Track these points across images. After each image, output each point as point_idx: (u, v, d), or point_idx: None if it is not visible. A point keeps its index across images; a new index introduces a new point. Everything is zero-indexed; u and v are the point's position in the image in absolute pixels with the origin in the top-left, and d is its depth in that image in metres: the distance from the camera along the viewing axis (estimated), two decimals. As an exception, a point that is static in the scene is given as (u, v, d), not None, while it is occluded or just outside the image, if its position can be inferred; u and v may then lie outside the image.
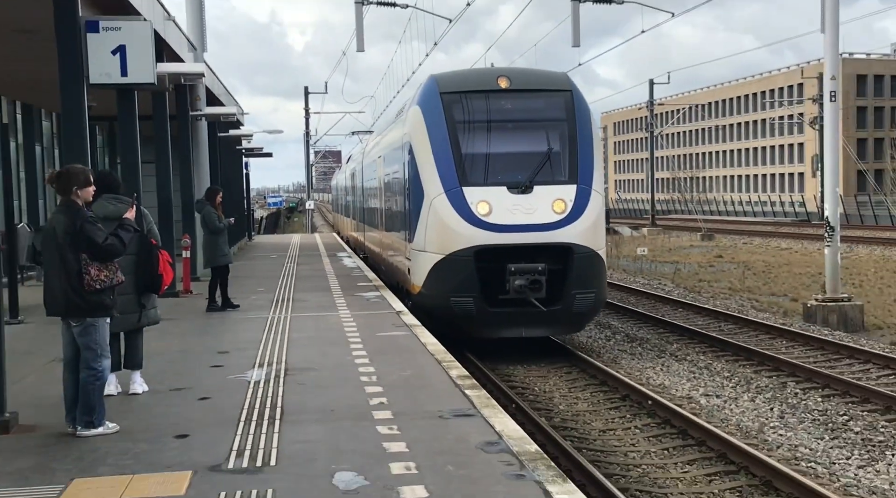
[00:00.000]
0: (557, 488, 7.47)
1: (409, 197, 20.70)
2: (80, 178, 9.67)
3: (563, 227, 18.41)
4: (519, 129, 20.25)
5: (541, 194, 18.71)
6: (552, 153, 19.40)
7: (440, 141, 19.31)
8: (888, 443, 13.12)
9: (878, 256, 44.82)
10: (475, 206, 18.38)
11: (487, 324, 18.64)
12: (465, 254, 18.22)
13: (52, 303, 9.56)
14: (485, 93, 20.04)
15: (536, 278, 17.84)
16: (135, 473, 8.23)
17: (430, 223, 19.05)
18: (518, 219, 18.37)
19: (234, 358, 13.65)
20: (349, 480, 7.81)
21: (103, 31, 16.69)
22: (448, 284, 18.46)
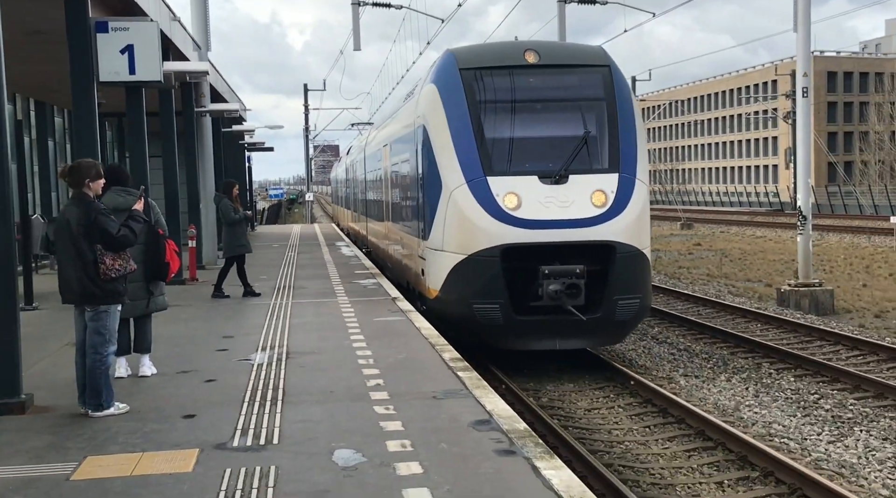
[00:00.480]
0: (545, 464, 7.49)
1: (423, 188, 17.23)
2: (91, 172, 9.69)
3: (603, 223, 15.07)
4: (550, 110, 16.64)
5: (577, 185, 15.29)
6: (590, 137, 15.75)
7: (460, 124, 15.86)
8: (856, 420, 13.18)
9: (848, 243, 44.88)
10: (502, 198, 15.05)
11: (516, 334, 15.22)
12: (490, 254, 14.92)
13: (67, 291, 9.57)
14: (511, 68, 16.54)
15: (574, 283, 14.57)
16: (144, 451, 8.24)
17: (450, 218, 15.65)
18: (552, 213, 15.02)
19: (238, 342, 13.66)
20: (348, 458, 7.82)
21: (112, 31, 16.67)
22: (470, 288, 15.13)
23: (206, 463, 7.81)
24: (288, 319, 15.86)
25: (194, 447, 8.27)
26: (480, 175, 15.33)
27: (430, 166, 16.48)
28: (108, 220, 9.44)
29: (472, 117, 15.74)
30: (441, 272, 15.94)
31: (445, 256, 15.82)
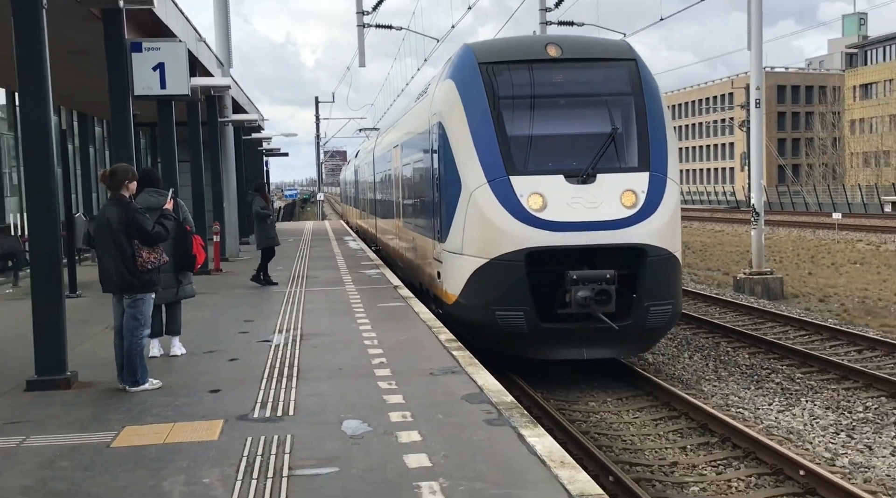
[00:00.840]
0: (529, 432, 7.49)
1: (440, 188, 14.63)
2: (127, 176, 9.70)
3: (634, 225, 12.57)
4: (575, 106, 14.00)
5: (606, 184, 12.80)
6: (618, 134, 13.26)
7: (480, 120, 13.34)
8: (802, 392, 13.21)
9: (795, 236, 44.95)
10: (526, 199, 12.60)
11: (541, 343, 12.76)
12: (513, 258, 12.45)
13: (107, 282, 9.58)
14: (532, 62, 13.96)
15: (605, 289, 12.15)
16: (175, 421, 8.24)
17: (470, 220, 13.13)
18: (579, 215, 12.54)
19: (258, 326, 13.65)
20: (355, 427, 7.82)
21: (145, 50, 16.67)
22: (492, 294, 12.67)
23: (229, 432, 7.81)
24: (302, 305, 15.85)
25: (219, 418, 8.28)
26: (503, 174, 12.89)
27: (448, 165, 13.97)
28: (144, 218, 9.48)
29: (492, 113, 13.30)
30: (460, 277, 13.43)
31: (465, 259, 13.30)
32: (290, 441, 7.44)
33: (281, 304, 16.04)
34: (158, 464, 6.99)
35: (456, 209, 13.56)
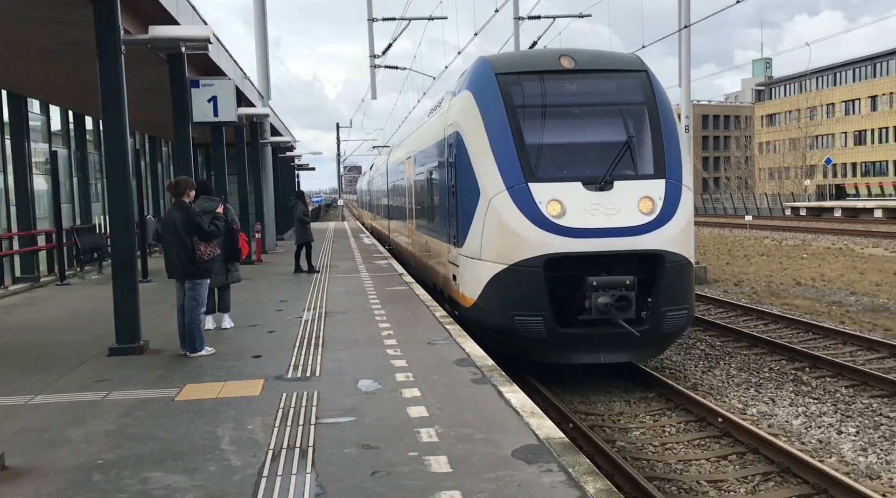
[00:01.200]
0: (506, 389, 7.51)
1: (457, 195, 12.32)
2: (187, 186, 9.72)
3: (651, 231, 10.59)
4: (591, 115, 11.83)
5: (623, 191, 10.82)
6: (633, 142, 11.20)
7: (499, 129, 11.28)
8: (721, 356, 13.19)
9: (716, 234, 44.98)
10: (545, 205, 10.62)
11: (559, 347, 10.74)
12: (533, 264, 10.46)
13: (172, 270, 9.60)
14: (548, 73, 11.84)
15: (625, 295, 10.23)
16: (226, 380, 8.24)
17: (489, 226, 11.01)
18: (598, 221, 10.55)
19: (291, 305, 13.63)
20: (368, 385, 7.83)
21: (202, 86, 16.71)
22: (511, 299, 10.63)
23: (269, 389, 7.82)
24: (326, 288, 15.83)
25: (260, 378, 8.28)
26: (521, 181, 10.80)
27: (465, 173, 11.76)
28: (202, 220, 9.50)
29: (510, 122, 11.22)
30: (478, 282, 11.21)
31: (483, 265, 11.09)
32: (317, 396, 7.45)
33: (309, 287, 16.02)
34: (212, 414, 6.99)
35: (474, 215, 11.35)
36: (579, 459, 5.56)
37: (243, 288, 14.63)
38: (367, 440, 6.10)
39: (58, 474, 5.61)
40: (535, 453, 5.70)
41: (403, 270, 18.85)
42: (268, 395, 7.58)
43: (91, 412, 7.19)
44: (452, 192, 12.55)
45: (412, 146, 19.42)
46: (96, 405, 7.44)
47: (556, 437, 6.06)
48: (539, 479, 5.21)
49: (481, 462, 5.54)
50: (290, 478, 5.35)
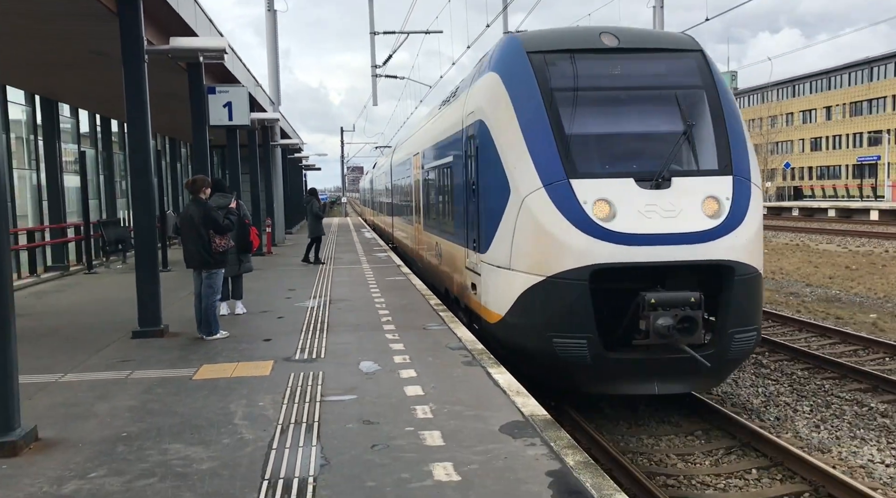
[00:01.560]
0: (494, 370, 7.52)
1: (479, 193, 9.70)
2: (204, 183, 9.69)
3: (719, 238, 8.07)
4: (641, 101, 9.12)
5: (683, 190, 8.30)
6: (693, 132, 8.66)
7: (533, 115, 8.67)
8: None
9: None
10: (591, 206, 8.11)
11: (605, 375, 8.17)
12: (576, 276, 7.94)
13: (190, 260, 9.57)
14: (588, 53, 9.18)
15: (689, 315, 7.75)
16: (239, 361, 8.23)
17: (521, 230, 8.44)
18: (655, 225, 8.03)
19: (298, 293, 13.61)
20: (369, 366, 7.83)
21: (218, 93, 16.62)
22: (549, 317, 8.11)
23: (278, 369, 7.81)
24: (330, 278, 15.80)
25: (271, 359, 8.27)
26: (562, 177, 8.19)
27: (491, 167, 9.09)
28: (218, 214, 9.48)
29: (547, 108, 8.56)
30: (507, 295, 8.58)
31: (514, 276, 8.45)
32: (322, 376, 7.45)
33: (315, 277, 16.00)
34: (226, 392, 6.98)
35: (502, 217, 8.75)
36: (560, 435, 5.57)
37: (255, 277, 14.59)
38: (368, 416, 6.10)
39: (86, 445, 5.60)
40: (520, 429, 5.71)
41: (401, 262, 18.84)
42: (277, 375, 7.58)
43: (115, 389, 7.18)
44: (472, 189, 10.04)
45: (420, 141, 16.63)
46: (120, 383, 7.42)
47: (539, 414, 6.07)
48: (524, 451, 5.23)
49: (471, 436, 5.55)
50: (298, 450, 5.35)
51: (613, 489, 4.56)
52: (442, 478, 4.76)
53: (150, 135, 10.01)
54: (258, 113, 23.21)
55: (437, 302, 12.09)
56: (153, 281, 9.83)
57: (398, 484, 4.69)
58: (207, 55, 12.44)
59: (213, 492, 4.66)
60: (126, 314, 10.88)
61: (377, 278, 15.49)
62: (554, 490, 4.55)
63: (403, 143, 23.50)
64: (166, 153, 29.90)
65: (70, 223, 19.80)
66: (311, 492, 4.61)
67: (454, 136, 11.54)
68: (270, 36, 26.82)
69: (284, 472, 4.95)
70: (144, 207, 10.00)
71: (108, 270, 18.76)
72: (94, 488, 4.78)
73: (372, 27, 32.75)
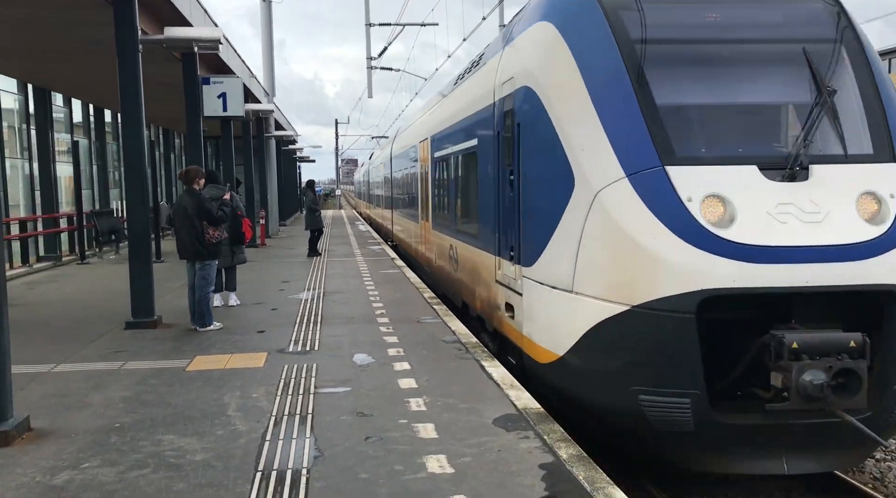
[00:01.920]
0: (488, 364, 7.53)
1: (519, 184, 7.14)
2: (198, 174, 9.68)
3: (884, 253, 5.34)
4: (760, 59, 6.26)
5: (829, 183, 5.57)
6: (836, 102, 5.90)
7: (609, 77, 6.00)
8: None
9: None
10: (697, 204, 5.41)
11: (714, 448, 5.48)
12: (678, 307, 5.21)
13: (183, 251, 9.56)
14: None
15: (850, 368, 5.06)
16: (233, 353, 8.22)
17: (592, 237, 5.77)
18: (794, 234, 5.31)
19: (292, 285, 13.60)
20: (362, 359, 7.83)
21: (212, 83, 16.62)
22: (634, 363, 5.49)
23: (272, 361, 7.81)
24: (324, 270, 15.79)
25: (264, 351, 8.26)
26: (654, 162, 5.67)
27: (542, 150, 6.64)
28: (211, 205, 9.45)
29: (628, 67, 6.00)
30: (568, 327, 6.12)
31: (580, 302, 6.00)
32: (316, 368, 7.45)
33: (309, 269, 15.99)
34: (220, 383, 6.98)
35: (560, 219, 6.24)
36: (553, 428, 5.59)
37: (248, 269, 14.56)
38: (362, 408, 6.11)
39: (78, 436, 5.60)
40: (513, 422, 5.73)
41: (395, 255, 18.83)
42: (271, 366, 7.57)
43: (109, 380, 7.17)
44: (509, 180, 7.50)
45: (430, 124, 13.90)
46: (114, 374, 7.41)
47: (533, 407, 6.09)
48: (517, 444, 5.24)
49: (465, 429, 5.56)
50: (291, 442, 5.36)
51: (606, 482, 4.59)
52: (435, 470, 4.78)
53: (144, 125, 9.97)
54: (253, 104, 23.16)
55: (431, 295, 12.10)
56: (146, 272, 9.81)
57: (391, 476, 4.70)
58: (202, 45, 12.39)
59: (206, 483, 4.66)
60: (119, 305, 10.85)
61: (371, 271, 15.49)
62: (547, 483, 4.57)
63: (407, 129, 20.11)
64: (160, 144, 29.80)
65: (63, 213, 19.73)
66: (304, 484, 4.62)
67: (480, 114, 9.00)
68: (265, 27, 26.71)
69: (278, 463, 4.96)
70: (138, 198, 9.97)
71: (101, 261, 18.70)
72: (87, 479, 4.78)
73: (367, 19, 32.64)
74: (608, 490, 4.47)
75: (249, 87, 21.59)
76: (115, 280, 14.10)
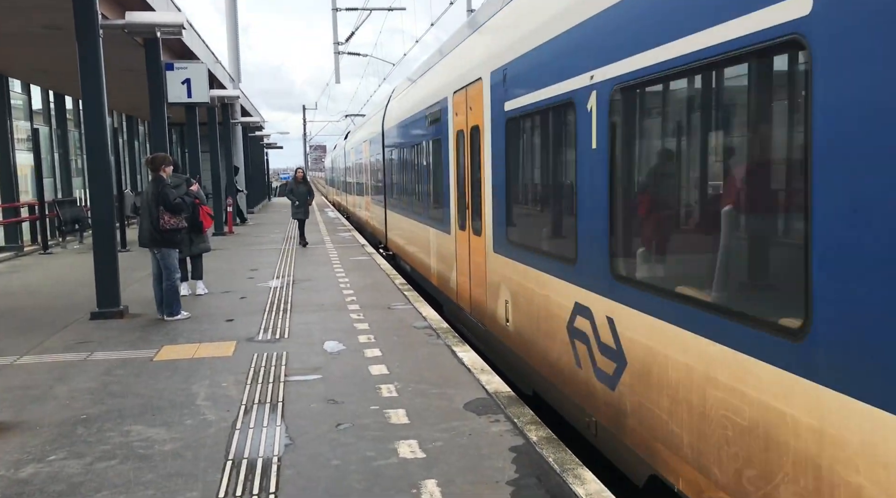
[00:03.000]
0: (459, 349, 7.56)
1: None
2: (165, 161, 9.59)
3: None
4: None
5: None
6: None
7: None
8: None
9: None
10: None
11: None
12: None
13: (141, 238, 9.53)
14: None
15: None
16: (201, 342, 8.17)
17: None
18: None
19: (260, 273, 13.51)
20: (333, 346, 7.81)
21: (176, 69, 16.36)
22: None
23: (241, 350, 7.76)
24: (293, 257, 15.71)
25: (233, 340, 8.21)
26: None
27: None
28: (171, 191, 9.39)
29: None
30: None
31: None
32: (286, 356, 7.42)
33: (277, 257, 15.89)
34: (188, 373, 6.93)
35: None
36: (524, 411, 5.64)
37: (216, 257, 14.46)
38: (333, 396, 6.11)
39: (44, 428, 5.53)
40: (484, 406, 5.77)
41: (365, 242, 18.76)
42: (240, 355, 7.53)
43: (74, 371, 7.08)
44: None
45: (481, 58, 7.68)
46: (79, 365, 7.32)
47: (503, 391, 6.14)
48: (488, 428, 5.29)
49: (436, 414, 5.59)
50: (262, 430, 5.35)
51: (576, 463, 4.64)
52: (407, 455, 4.80)
53: (107, 112, 9.81)
54: (218, 90, 22.88)
55: (402, 281, 12.10)
56: (111, 261, 9.68)
57: (363, 462, 4.72)
58: (165, 30, 12.18)
59: (175, 473, 4.64)
60: (84, 295, 10.70)
61: (341, 258, 15.45)
62: (517, 465, 4.62)
63: (408, 89, 13.80)
64: (123, 131, 29.34)
65: (24, 202, 19.36)
66: (275, 471, 4.61)
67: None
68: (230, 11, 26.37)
69: (248, 452, 4.94)
70: (101, 186, 9.83)
71: (64, 251, 18.40)
72: (54, 471, 4.73)
73: (334, 3, 32.36)
74: (577, 471, 4.53)
75: (214, 73, 21.32)
76: (79, 270, 13.89)
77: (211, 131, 24.80)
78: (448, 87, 9.33)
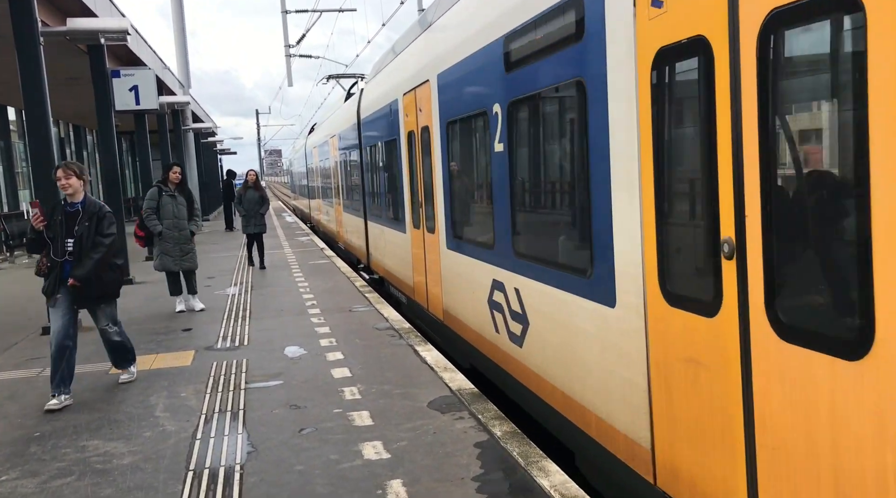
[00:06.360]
0: (422, 348, 7.57)
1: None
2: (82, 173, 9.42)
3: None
4: None
5: None
6: None
7: None
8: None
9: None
10: None
11: None
12: None
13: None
14: None
15: None
16: (158, 353, 8.04)
17: None
18: None
19: (218, 281, 13.36)
20: (294, 351, 7.77)
21: (123, 76, 16.09)
22: None
23: (200, 359, 7.67)
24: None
25: (191, 349, 8.11)
26: None
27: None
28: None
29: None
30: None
31: None
32: (246, 364, 7.35)
33: (235, 264, 15.72)
34: (146, 384, 6.83)
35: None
36: (488, 407, 5.66)
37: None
38: (295, 401, 6.07)
39: (-4, 448, 5.39)
40: (448, 404, 5.78)
41: (324, 245, 18.66)
42: (199, 364, 7.44)
43: (26, 388, 6.92)
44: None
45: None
46: (31, 381, 7.16)
47: (466, 388, 6.16)
48: (452, 425, 5.30)
49: (400, 414, 5.59)
50: (223, 439, 5.29)
51: (540, 456, 4.68)
52: (371, 457, 4.79)
53: (52, 122, 9.60)
54: (167, 96, 22.57)
55: (363, 284, 12.06)
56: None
57: (327, 466, 4.69)
58: (109, 36, 11.99)
59: (135, 486, 4.56)
60: (34, 310, 10.46)
61: (300, 262, 15.34)
62: (482, 460, 4.64)
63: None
64: (70, 141, 28.76)
65: (-32, 218, 18.86)
66: (237, 479, 4.57)
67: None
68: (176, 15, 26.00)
69: (210, 461, 4.88)
70: (49, 199, 9.59)
71: (12, 266, 17.95)
72: (6, 492, 4.62)
73: (283, 6, 32.09)
74: (542, 463, 4.57)
75: (163, 79, 21.03)
76: (28, 285, 13.54)
77: (162, 139, 24.43)
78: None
